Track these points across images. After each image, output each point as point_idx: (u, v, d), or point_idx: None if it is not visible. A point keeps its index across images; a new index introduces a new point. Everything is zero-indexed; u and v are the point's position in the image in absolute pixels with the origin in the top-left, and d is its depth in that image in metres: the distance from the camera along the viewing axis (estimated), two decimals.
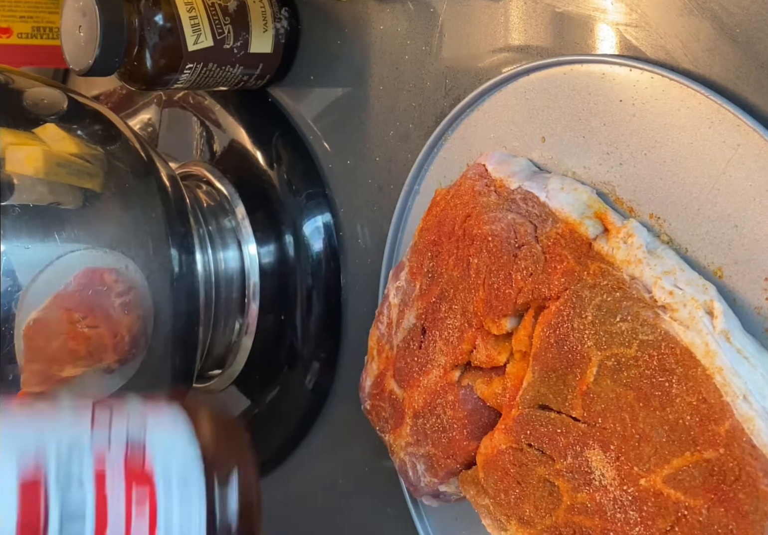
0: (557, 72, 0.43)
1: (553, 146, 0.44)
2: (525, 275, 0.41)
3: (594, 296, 0.39)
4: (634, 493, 0.37)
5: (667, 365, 0.36)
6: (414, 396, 0.47)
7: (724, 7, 0.38)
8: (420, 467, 0.47)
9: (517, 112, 0.45)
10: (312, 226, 0.58)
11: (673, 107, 0.39)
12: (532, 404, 0.41)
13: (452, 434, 0.45)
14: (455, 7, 0.49)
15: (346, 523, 0.61)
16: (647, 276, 0.38)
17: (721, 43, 0.38)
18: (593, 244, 0.40)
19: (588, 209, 0.41)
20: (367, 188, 0.55)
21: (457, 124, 0.48)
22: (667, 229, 0.40)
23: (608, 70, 0.41)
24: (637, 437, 0.37)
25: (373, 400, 0.50)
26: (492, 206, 0.44)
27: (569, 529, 0.39)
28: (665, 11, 0.40)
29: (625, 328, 0.37)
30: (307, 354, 0.59)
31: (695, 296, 0.37)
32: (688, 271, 0.38)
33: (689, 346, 0.36)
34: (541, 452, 0.40)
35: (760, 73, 0.37)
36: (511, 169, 0.45)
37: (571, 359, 0.39)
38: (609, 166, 0.42)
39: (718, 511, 0.35)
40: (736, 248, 0.38)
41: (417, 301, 0.47)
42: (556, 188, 0.42)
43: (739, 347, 0.36)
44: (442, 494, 0.48)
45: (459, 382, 0.45)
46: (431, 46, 0.51)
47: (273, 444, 0.63)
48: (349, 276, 0.58)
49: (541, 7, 0.45)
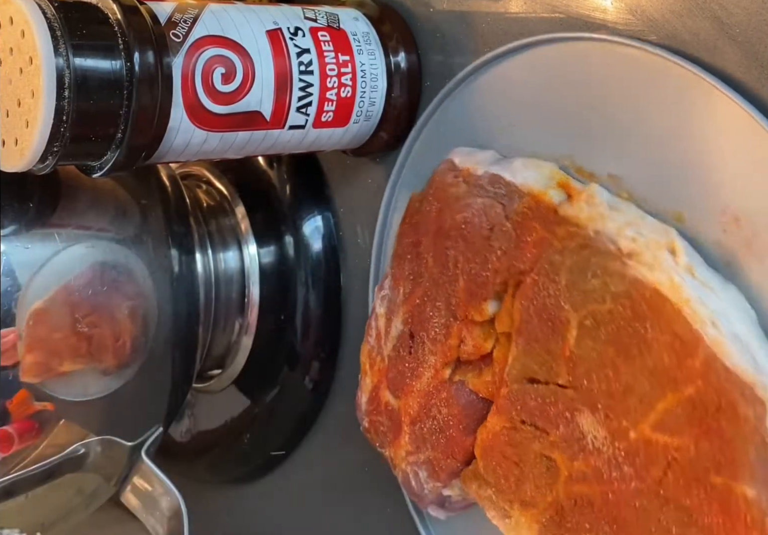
0: (514, 63, 0.45)
1: (515, 133, 0.46)
2: (499, 254, 0.42)
3: (565, 260, 0.40)
4: (626, 448, 0.37)
5: (640, 312, 0.37)
6: (409, 402, 0.47)
7: (724, 7, 0.38)
8: (422, 474, 0.47)
9: (479, 107, 0.47)
10: (312, 226, 0.58)
11: (616, 69, 0.41)
12: (520, 379, 0.41)
13: (449, 432, 0.45)
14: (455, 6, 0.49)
15: (346, 523, 0.61)
16: (610, 228, 0.39)
17: (721, 43, 0.38)
18: (558, 209, 0.41)
19: (551, 181, 0.42)
20: (367, 188, 0.55)
21: (429, 126, 0.50)
22: (625, 186, 0.41)
23: (559, 49, 0.43)
24: (622, 390, 0.37)
25: (370, 416, 0.50)
26: (462, 195, 0.45)
27: (570, 501, 0.39)
28: (665, 11, 0.40)
29: (596, 284, 0.38)
30: (307, 354, 0.59)
31: (657, 239, 0.38)
32: (649, 219, 0.39)
33: (656, 285, 0.37)
34: (534, 427, 0.40)
35: (760, 73, 0.37)
36: (477, 158, 0.46)
37: (552, 326, 0.40)
38: (566, 138, 0.43)
39: (704, 445, 0.35)
40: (691, 189, 0.39)
41: (402, 306, 0.47)
42: (520, 167, 0.43)
43: (703, 280, 0.37)
44: (448, 501, 0.48)
45: (451, 379, 0.45)
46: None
47: (273, 444, 0.63)
48: (349, 276, 0.58)
49: (541, 7, 0.45)
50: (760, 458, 0.34)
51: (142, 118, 0.43)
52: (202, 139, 0.46)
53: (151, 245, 0.53)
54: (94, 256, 0.51)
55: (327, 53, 0.48)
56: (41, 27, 0.41)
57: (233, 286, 0.59)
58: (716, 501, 0.35)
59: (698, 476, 0.35)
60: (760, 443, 0.34)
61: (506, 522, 0.42)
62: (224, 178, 0.61)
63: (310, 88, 0.47)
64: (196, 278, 0.56)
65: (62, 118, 0.41)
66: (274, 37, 0.47)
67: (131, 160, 0.44)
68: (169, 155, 0.46)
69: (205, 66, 0.45)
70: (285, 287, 0.58)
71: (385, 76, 0.50)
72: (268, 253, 0.59)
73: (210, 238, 0.59)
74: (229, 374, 0.61)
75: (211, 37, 0.45)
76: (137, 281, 0.52)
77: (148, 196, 0.54)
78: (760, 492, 0.34)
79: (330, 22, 0.49)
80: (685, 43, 0.39)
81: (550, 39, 0.43)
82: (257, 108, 0.46)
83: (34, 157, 0.42)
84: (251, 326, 0.59)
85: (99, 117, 0.42)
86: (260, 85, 0.46)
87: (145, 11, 0.43)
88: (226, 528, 0.68)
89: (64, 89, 0.41)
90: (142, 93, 0.42)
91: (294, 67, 0.47)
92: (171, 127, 0.44)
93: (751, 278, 0.37)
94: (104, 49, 0.42)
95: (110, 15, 0.42)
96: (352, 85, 0.49)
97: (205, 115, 0.45)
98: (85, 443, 0.53)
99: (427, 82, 0.50)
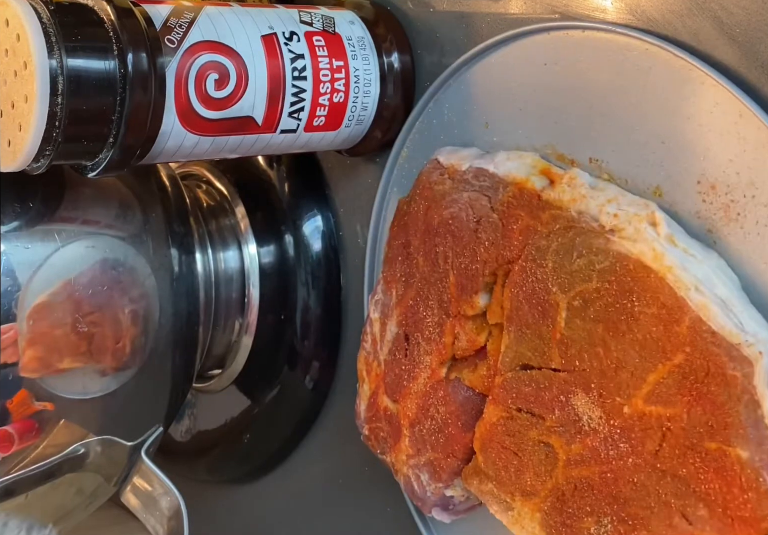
0: (493, 60, 0.46)
1: (496, 128, 0.46)
2: (487, 245, 0.42)
3: (550, 243, 0.40)
4: (621, 424, 0.37)
5: (626, 285, 0.37)
6: (407, 405, 0.47)
7: (724, 7, 0.38)
8: (424, 476, 0.47)
9: (463, 105, 0.48)
10: (312, 226, 0.58)
11: (589, 55, 0.42)
12: (513, 366, 0.41)
13: (448, 430, 0.45)
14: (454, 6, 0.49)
15: (346, 523, 0.61)
16: (592, 207, 0.40)
17: (721, 43, 0.38)
18: (541, 195, 0.42)
19: (533, 169, 0.43)
20: (367, 188, 0.55)
21: (417, 127, 0.50)
22: (605, 167, 0.42)
23: (534, 39, 0.44)
24: (614, 367, 0.38)
25: (369, 423, 0.50)
26: (448, 191, 0.45)
27: (570, 485, 0.39)
28: (665, 11, 0.40)
29: (582, 263, 0.39)
30: (307, 354, 0.59)
31: (638, 213, 0.39)
32: (629, 195, 0.40)
33: (639, 256, 0.37)
34: (530, 414, 0.41)
35: (760, 73, 0.37)
36: (461, 154, 0.46)
37: (542, 311, 0.40)
38: (546, 128, 0.44)
39: (697, 411, 0.35)
40: (668, 163, 0.40)
41: (395, 309, 0.47)
42: (503, 159, 0.44)
43: (685, 247, 0.38)
44: (451, 503, 0.48)
45: (447, 377, 0.45)
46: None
47: (273, 444, 0.63)
48: (349, 276, 0.58)
49: (541, 7, 0.45)
50: (750, 418, 0.34)
51: (136, 119, 0.43)
52: (194, 143, 0.46)
53: (151, 245, 0.53)
54: (94, 256, 0.51)
55: (321, 58, 0.48)
56: (37, 33, 0.41)
57: (233, 286, 0.59)
58: (711, 467, 0.35)
59: (692, 444, 0.35)
60: (750, 401, 0.34)
61: (509, 515, 0.43)
62: (224, 178, 0.61)
63: (303, 93, 0.47)
64: (196, 277, 0.56)
65: (55, 123, 0.41)
66: (269, 43, 0.47)
67: (124, 161, 0.44)
68: (161, 157, 0.46)
69: (199, 71, 0.45)
70: (285, 287, 0.58)
71: (379, 80, 0.50)
72: (268, 253, 0.59)
73: (210, 238, 0.59)
74: (229, 374, 0.61)
75: (205, 42, 0.45)
76: (137, 281, 0.52)
77: (148, 196, 0.54)
78: (753, 453, 0.34)
79: (326, 26, 0.49)
80: (685, 43, 0.39)
81: (526, 31, 0.44)
82: (249, 113, 0.46)
83: (26, 160, 0.42)
84: (251, 325, 0.59)
85: (92, 119, 0.42)
86: (253, 90, 0.46)
87: (139, 14, 0.43)
88: (226, 528, 0.68)
89: (58, 95, 0.41)
90: (136, 94, 0.42)
91: (287, 72, 0.47)
92: (163, 131, 0.44)
93: (731, 243, 0.38)
94: (98, 51, 0.42)
95: (105, 17, 0.42)
96: (345, 90, 0.49)
97: (197, 120, 0.45)
98: (85, 442, 0.53)
99: (427, 82, 0.50)
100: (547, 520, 0.40)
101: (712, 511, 0.35)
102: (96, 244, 0.51)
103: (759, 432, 0.34)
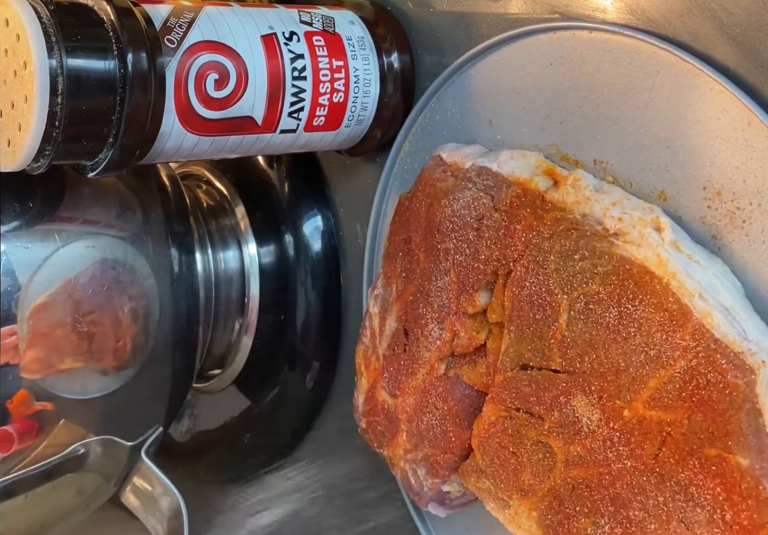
0: (496, 58, 0.46)
1: (499, 126, 0.46)
2: (489, 244, 0.42)
3: (553, 245, 0.40)
4: (620, 427, 0.37)
5: (629, 289, 0.37)
6: (405, 400, 0.47)
7: (724, 7, 0.38)
8: (421, 471, 0.47)
9: (465, 103, 0.48)
10: (312, 226, 0.58)
11: (597, 56, 0.42)
12: (513, 366, 0.41)
13: (446, 427, 0.45)
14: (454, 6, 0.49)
15: (346, 523, 0.61)
16: (597, 210, 0.40)
17: (720, 43, 0.38)
18: (545, 196, 0.41)
19: (537, 169, 0.43)
20: (366, 188, 0.55)
21: (417, 125, 0.50)
22: (610, 170, 0.42)
23: (539, 39, 0.44)
24: (614, 370, 0.37)
25: (367, 417, 0.50)
26: (451, 189, 0.45)
27: (568, 486, 0.39)
28: (665, 11, 0.40)
29: (584, 265, 0.39)
30: (307, 354, 0.59)
31: (643, 217, 0.38)
32: (634, 199, 0.40)
33: (643, 261, 0.37)
34: (529, 414, 0.41)
35: (760, 73, 0.37)
36: (464, 152, 0.46)
37: (543, 312, 0.40)
38: (550, 128, 0.44)
39: (698, 418, 0.35)
40: (673, 168, 0.39)
41: (395, 304, 0.47)
42: (506, 158, 0.44)
43: (689, 253, 0.37)
44: (447, 498, 0.48)
45: (446, 374, 0.45)
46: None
47: (273, 444, 0.63)
48: (349, 276, 0.58)
49: (541, 7, 0.45)
50: (751, 426, 0.34)
51: (135, 119, 0.43)
52: (194, 143, 0.46)
53: (152, 245, 0.53)
54: (94, 256, 0.51)
55: (321, 58, 0.48)
56: (36, 33, 0.41)
57: (233, 286, 0.59)
58: (711, 473, 0.35)
59: (692, 450, 0.35)
60: (751, 409, 0.34)
61: (506, 513, 0.43)
62: (224, 178, 0.61)
63: (303, 93, 0.47)
64: (196, 277, 0.56)
65: (55, 123, 0.41)
66: (269, 43, 0.47)
67: (124, 161, 0.44)
68: (161, 157, 0.46)
69: (199, 71, 0.45)
70: (285, 287, 0.58)
71: (379, 80, 0.50)
72: (268, 253, 0.59)
73: (210, 238, 0.59)
74: (229, 374, 0.61)
75: (205, 42, 0.45)
76: (138, 281, 0.52)
77: (148, 196, 0.54)
78: (753, 460, 0.34)
79: (325, 26, 0.49)
80: (685, 43, 0.39)
81: (529, 31, 0.44)
82: (249, 113, 0.46)
83: (26, 160, 0.42)
84: (251, 326, 0.59)
85: (92, 119, 0.42)
86: (253, 90, 0.46)
87: (139, 14, 0.43)
88: (226, 528, 0.68)
89: (57, 96, 0.41)
90: (136, 94, 0.42)
91: (287, 72, 0.47)
92: (163, 131, 0.44)
93: (736, 250, 0.38)
94: (98, 51, 0.42)
95: (105, 17, 0.42)
96: (344, 90, 0.49)
97: (196, 120, 0.45)
98: (85, 443, 0.53)
99: (427, 82, 0.50)
100: (544, 519, 0.40)
101: (711, 517, 0.35)
102: (96, 244, 0.51)
103: (760, 440, 0.34)
